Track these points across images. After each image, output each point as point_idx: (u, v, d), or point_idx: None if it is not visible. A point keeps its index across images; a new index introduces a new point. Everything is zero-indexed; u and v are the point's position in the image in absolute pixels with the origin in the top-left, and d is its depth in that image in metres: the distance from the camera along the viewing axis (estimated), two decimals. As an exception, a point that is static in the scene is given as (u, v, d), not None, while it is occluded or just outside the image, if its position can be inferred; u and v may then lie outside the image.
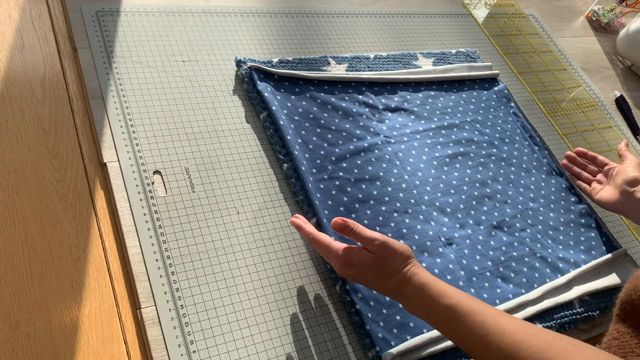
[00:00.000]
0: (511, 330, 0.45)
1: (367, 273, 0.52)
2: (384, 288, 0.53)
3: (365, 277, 0.53)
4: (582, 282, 0.72)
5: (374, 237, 0.53)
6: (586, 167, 0.84)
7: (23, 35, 0.68)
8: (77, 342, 0.50)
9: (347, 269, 0.53)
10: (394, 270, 0.52)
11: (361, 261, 0.52)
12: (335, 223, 0.54)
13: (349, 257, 0.53)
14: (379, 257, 0.52)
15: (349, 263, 0.53)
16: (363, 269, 0.52)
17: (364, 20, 0.94)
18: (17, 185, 0.57)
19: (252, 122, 0.72)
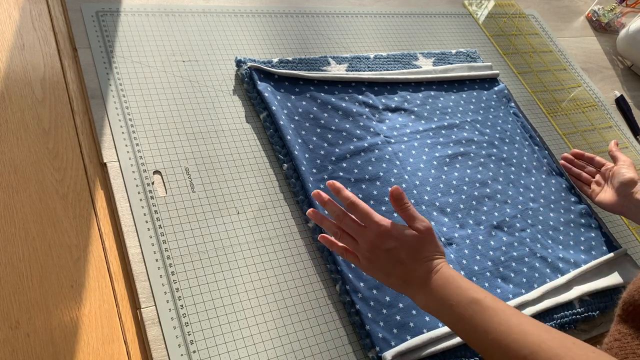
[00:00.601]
0: (533, 331, 0.45)
1: (401, 250, 0.51)
2: (410, 272, 0.50)
3: (398, 255, 0.51)
4: (582, 282, 0.72)
5: (422, 218, 0.53)
6: (584, 168, 0.85)
7: (23, 35, 0.68)
8: (77, 342, 0.50)
9: (385, 240, 0.51)
10: (428, 257, 0.51)
11: (403, 235, 0.51)
12: (396, 189, 0.52)
13: (392, 227, 0.51)
14: (421, 237, 0.51)
15: (388, 233, 0.51)
16: (400, 245, 0.51)
17: (364, 20, 0.94)
18: (17, 185, 0.57)
19: (252, 122, 0.72)
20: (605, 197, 0.77)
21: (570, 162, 0.86)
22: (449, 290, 0.49)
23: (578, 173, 0.85)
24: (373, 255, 0.52)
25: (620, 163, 0.77)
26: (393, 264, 0.51)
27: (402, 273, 0.51)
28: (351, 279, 0.60)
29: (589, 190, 0.82)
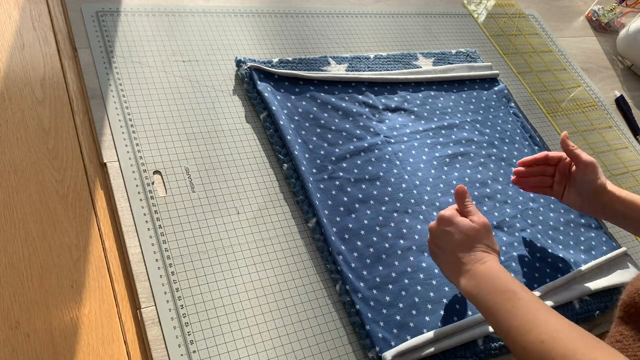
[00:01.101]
0: (557, 321, 0.48)
1: (456, 235, 0.57)
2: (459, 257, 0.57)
3: (452, 239, 0.57)
4: (582, 282, 0.72)
5: (482, 215, 0.59)
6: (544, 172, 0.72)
7: (23, 35, 0.68)
8: (77, 342, 0.50)
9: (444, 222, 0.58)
10: (477, 248, 0.56)
11: (461, 222, 0.58)
12: (460, 188, 0.60)
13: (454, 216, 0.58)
14: (478, 229, 0.57)
15: (450, 219, 0.58)
16: (457, 230, 0.57)
17: (364, 20, 0.94)
18: (17, 185, 0.57)
19: (252, 122, 0.72)
20: (573, 200, 0.69)
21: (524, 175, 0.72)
22: (489, 280, 0.53)
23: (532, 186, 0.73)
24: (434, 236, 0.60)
25: (582, 167, 0.66)
26: (445, 247, 0.58)
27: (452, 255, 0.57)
28: (351, 279, 0.61)
29: (550, 192, 0.72)
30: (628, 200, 0.65)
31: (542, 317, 0.48)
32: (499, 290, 0.52)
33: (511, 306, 0.50)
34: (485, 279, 0.54)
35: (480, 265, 0.55)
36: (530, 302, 0.50)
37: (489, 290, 0.53)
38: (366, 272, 0.62)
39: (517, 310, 0.50)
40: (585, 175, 0.66)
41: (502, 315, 0.50)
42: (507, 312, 0.50)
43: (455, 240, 0.57)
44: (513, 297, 0.51)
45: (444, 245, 0.58)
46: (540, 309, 0.49)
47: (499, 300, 0.51)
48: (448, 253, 0.58)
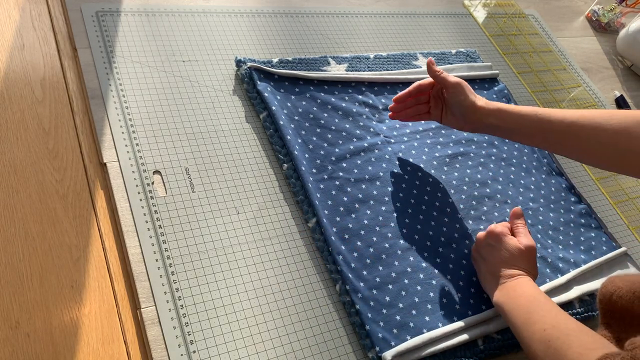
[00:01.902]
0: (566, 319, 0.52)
1: (501, 251, 0.62)
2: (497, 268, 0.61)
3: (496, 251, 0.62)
4: (582, 282, 0.72)
5: (531, 239, 0.63)
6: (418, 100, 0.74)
7: (23, 35, 0.68)
8: (77, 342, 0.50)
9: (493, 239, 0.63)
10: (517, 267, 0.61)
11: (509, 241, 0.62)
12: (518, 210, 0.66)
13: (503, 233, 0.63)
14: (522, 250, 0.61)
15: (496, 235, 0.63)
16: (503, 247, 0.62)
17: (364, 20, 0.94)
18: (17, 185, 0.57)
19: (252, 122, 0.72)
20: (451, 122, 0.71)
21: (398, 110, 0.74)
22: (518, 294, 0.58)
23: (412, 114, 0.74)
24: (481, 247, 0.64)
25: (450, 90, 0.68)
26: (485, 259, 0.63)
27: (490, 264, 0.62)
28: (351, 279, 0.60)
29: (428, 117, 0.74)
30: (496, 110, 0.66)
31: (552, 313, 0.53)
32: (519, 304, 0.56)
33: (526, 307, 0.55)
34: (514, 293, 0.58)
35: (511, 282, 0.59)
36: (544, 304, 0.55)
37: (513, 304, 0.57)
38: (366, 272, 0.62)
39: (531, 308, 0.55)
40: (455, 96, 0.68)
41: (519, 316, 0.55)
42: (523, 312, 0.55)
43: (499, 256, 0.62)
44: (532, 300, 0.56)
45: (487, 257, 0.63)
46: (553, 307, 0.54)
47: (519, 304, 0.56)
48: (489, 265, 0.62)
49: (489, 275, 0.62)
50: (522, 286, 0.59)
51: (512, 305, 0.57)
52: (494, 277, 0.61)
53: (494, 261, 0.62)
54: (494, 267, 0.62)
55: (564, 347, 0.48)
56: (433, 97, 0.72)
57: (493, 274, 0.62)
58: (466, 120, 0.68)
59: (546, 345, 0.50)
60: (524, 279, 0.59)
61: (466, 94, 0.67)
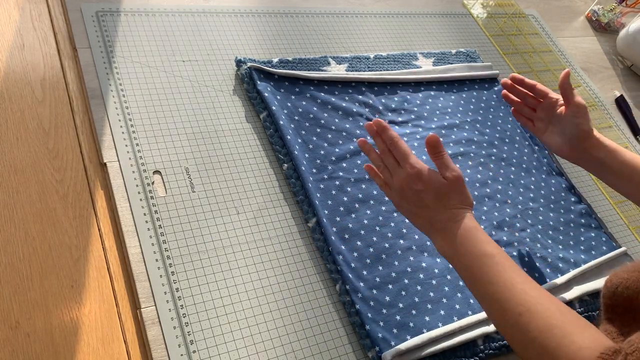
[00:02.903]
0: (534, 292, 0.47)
1: (428, 194, 0.54)
2: (433, 216, 0.54)
3: (424, 198, 0.54)
4: (582, 282, 0.72)
5: (454, 168, 0.55)
6: (525, 99, 0.73)
7: (23, 35, 0.68)
8: (77, 342, 0.50)
9: (414, 182, 0.54)
10: (452, 205, 0.54)
11: (431, 180, 0.54)
12: (433, 136, 0.55)
13: (423, 171, 0.54)
14: (449, 184, 0.54)
15: (419, 176, 0.54)
16: (427, 188, 0.54)
17: (363, 20, 0.94)
18: (17, 185, 0.57)
19: (252, 122, 0.72)
20: (553, 141, 0.69)
21: (510, 89, 0.73)
22: (466, 240, 0.51)
23: (520, 105, 0.73)
24: (402, 194, 0.55)
25: (573, 109, 0.66)
26: (419, 205, 0.55)
27: (426, 215, 0.54)
28: (351, 279, 0.60)
29: (532, 126, 0.72)
30: (611, 148, 0.65)
31: (519, 286, 0.47)
32: (476, 253, 0.50)
33: (488, 270, 0.49)
34: (461, 240, 0.52)
35: (454, 224, 0.53)
36: (509, 268, 0.49)
37: (465, 252, 0.51)
38: (366, 272, 0.62)
39: (495, 277, 0.49)
40: (575, 117, 0.66)
41: (480, 280, 0.49)
42: (484, 276, 0.49)
43: (428, 202, 0.54)
44: (490, 261, 0.50)
45: (414, 203, 0.55)
46: (518, 277, 0.48)
47: (477, 265, 0.50)
48: (419, 211, 0.55)
49: (423, 221, 0.55)
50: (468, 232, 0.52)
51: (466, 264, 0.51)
52: (428, 222, 0.54)
53: (423, 206, 0.54)
54: (425, 213, 0.54)
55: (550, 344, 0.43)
56: (543, 109, 0.70)
57: (427, 220, 0.54)
58: (573, 146, 0.66)
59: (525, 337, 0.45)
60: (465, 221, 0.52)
61: (587, 118, 0.66)
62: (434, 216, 0.54)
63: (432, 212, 0.54)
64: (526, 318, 0.45)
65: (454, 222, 0.53)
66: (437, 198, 0.54)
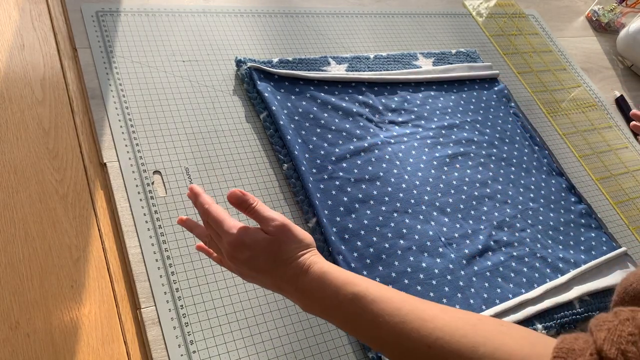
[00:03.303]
0: (433, 314, 0.39)
1: (259, 258, 0.45)
2: (278, 279, 0.45)
3: (257, 264, 0.45)
4: (582, 282, 0.72)
5: (273, 217, 0.46)
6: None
7: (23, 35, 0.68)
8: (77, 342, 0.50)
9: (239, 251, 0.45)
10: (290, 258, 0.45)
11: (255, 242, 0.45)
12: (233, 194, 0.46)
13: (243, 236, 0.45)
14: (275, 239, 0.45)
15: (241, 243, 0.45)
16: (256, 253, 0.45)
17: (364, 20, 0.94)
18: (17, 185, 0.57)
19: (252, 122, 0.72)
20: None
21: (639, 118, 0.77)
22: (327, 292, 0.43)
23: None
24: (237, 267, 0.47)
25: None
26: (258, 273, 0.46)
27: (271, 281, 0.46)
28: (351, 279, 0.60)
29: None
30: None
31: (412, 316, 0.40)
32: (344, 301, 0.42)
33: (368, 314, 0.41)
34: (322, 293, 0.43)
35: (304, 278, 0.44)
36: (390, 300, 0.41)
37: (332, 304, 0.43)
38: (366, 272, 0.62)
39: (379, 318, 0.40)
40: None
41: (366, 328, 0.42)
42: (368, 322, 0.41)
43: (262, 266, 0.45)
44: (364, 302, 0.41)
45: (255, 276, 0.46)
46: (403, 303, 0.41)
47: (352, 313, 0.42)
48: (262, 278, 0.46)
49: (275, 288, 0.46)
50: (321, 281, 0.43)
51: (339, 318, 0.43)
52: (280, 287, 0.46)
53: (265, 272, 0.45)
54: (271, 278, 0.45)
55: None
56: None
57: (277, 285, 0.46)
58: None
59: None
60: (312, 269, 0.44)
61: None
62: (278, 279, 0.45)
63: (274, 276, 0.45)
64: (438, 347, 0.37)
65: (303, 276, 0.44)
66: (271, 259, 0.45)
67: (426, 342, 0.38)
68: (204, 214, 0.47)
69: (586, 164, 0.92)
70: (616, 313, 0.33)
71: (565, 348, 0.33)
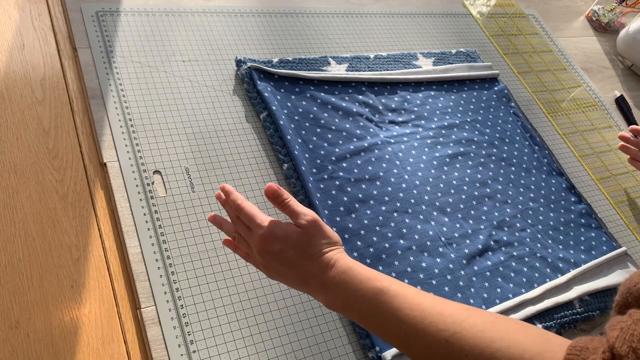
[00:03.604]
0: (452, 311, 0.41)
1: (289, 251, 0.46)
2: (305, 272, 0.46)
3: (286, 257, 0.46)
4: (582, 282, 0.72)
5: (305, 212, 0.48)
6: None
7: (23, 35, 0.68)
8: (77, 342, 0.50)
9: (270, 243, 0.47)
10: (318, 253, 0.47)
11: (286, 235, 0.47)
12: (270, 188, 0.48)
13: (275, 229, 0.47)
14: (306, 232, 0.47)
15: (272, 235, 0.47)
16: (286, 246, 0.46)
17: (364, 20, 0.94)
18: (17, 185, 0.57)
19: (252, 122, 0.72)
20: None
21: (627, 141, 0.83)
22: (350, 285, 0.45)
23: (635, 153, 0.82)
24: (265, 260, 0.48)
25: None
26: (285, 266, 0.47)
27: (298, 274, 0.47)
28: (351, 279, 0.60)
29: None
30: None
31: (431, 311, 0.41)
32: (366, 295, 0.44)
33: (389, 308, 0.43)
34: (345, 287, 0.45)
35: (329, 272, 0.46)
36: (411, 295, 0.43)
37: (355, 299, 0.44)
38: (366, 272, 0.62)
39: (400, 312, 0.42)
40: None
41: (385, 323, 0.43)
42: (388, 316, 0.42)
43: (292, 259, 0.46)
44: (385, 297, 0.43)
45: (280, 265, 0.47)
46: (426, 300, 0.42)
47: (374, 308, 0.43)
48: (289, 272, 0.47)
49: (299, 283, 0.47)
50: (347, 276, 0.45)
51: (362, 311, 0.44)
52: (305, 282, 0.47)
53: (292, 265, 0.47)
54: (297, 272, 0.47)
55: None
56: None
57: (302, 279, 0.47)
58: None
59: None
60: (339, 264, 0.46)
61: None
62: (305, 272, 0.46)
63: (302, 269, 0.46)
64: (456, 341, 0.39)
65: (329, 270, 0.46)
66: (300, 252, 0.46)
67: (444, 336, 0.39)
68: (237, 209, 0.50)
69: (586, 164, 0.92)
70: (630, 314, 0.34)
71: (579, 347, 0.35)
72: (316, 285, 0.46)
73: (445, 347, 0.39)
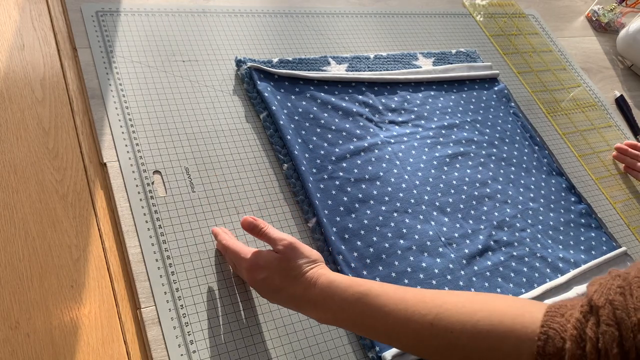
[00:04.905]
0: (432, 296, 0.43)
1: (274, 277, 0.50)
2: (292, 294, 0.50)
3: (273, 283, 0.50)
4: (582, 282, 0.72)
5: (281, 237, 0.51)
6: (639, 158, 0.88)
7: (23, 35, 0.68)
8: (77, 342, 0.50)
9: (255, 272, 0.51)
10: (300, 273, 0.50)
11: (267, 263, 0.50)
12: (245, 221, 0.53)
13: (257, 259, 0.51)
14: (284, 257, 0.50)
15: (256, 265, 0.51)
16: (270, 273, 0.50)
17: (364, 20, 0.94)
18: (17, 185, 0.57)
19: (252, 122, 0.72)
20: None
21: (623, 152, 0.89)
22: (335, 297, 0.47)
23: (632, 162, 0.87)
24: (257, 288, 0.53)
25: None
26: (274, 291, 0.51)
27: (287, 297, 0.50)
28: (351, 279, 0.60)
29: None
30: None
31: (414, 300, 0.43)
32: (351, 302, 0.46)
33: (373, 309, 0.45)
34: (330, 301, 0.47)
35: (314, 289, 0.48)
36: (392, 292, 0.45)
37: (341, 308, 0.47)
38: (366, 272, 0.62)
39: (384, 309, 0.44)
40: None
41: (374, 323, 0.45)
42: (374, 315, 0.44)
43: (278, 284, 0.50)
44: (368, 299, 0.45)
45: (274, 294, 0.51)
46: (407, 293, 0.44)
47: (359, 312, 0.45)
48: (277, 296, 0.51)
49: (290, 303, 0.51)
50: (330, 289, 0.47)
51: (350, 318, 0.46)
52: (295, 302, 0.50)
53: (279, 289, 0.50)
54: (285, 294, 0.50)
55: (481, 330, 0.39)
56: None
57: (292, 299, 0.50)
58: None
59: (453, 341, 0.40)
60: (320, 280, 0.49)
61: None
62: (293, 294, 0.50)
63: (289, 291, 0.50)
64: (439, 321, 0.41)
65: (313, 288, 0.49)
66: (283, 276, 0.50)
67: (428, 320, 0.41)
68: (223, 250, 0.56)
69: (586, 164, 0.92)
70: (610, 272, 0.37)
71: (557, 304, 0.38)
72: (305, 304, 0.49)
73: (431, 330, 0.41)
